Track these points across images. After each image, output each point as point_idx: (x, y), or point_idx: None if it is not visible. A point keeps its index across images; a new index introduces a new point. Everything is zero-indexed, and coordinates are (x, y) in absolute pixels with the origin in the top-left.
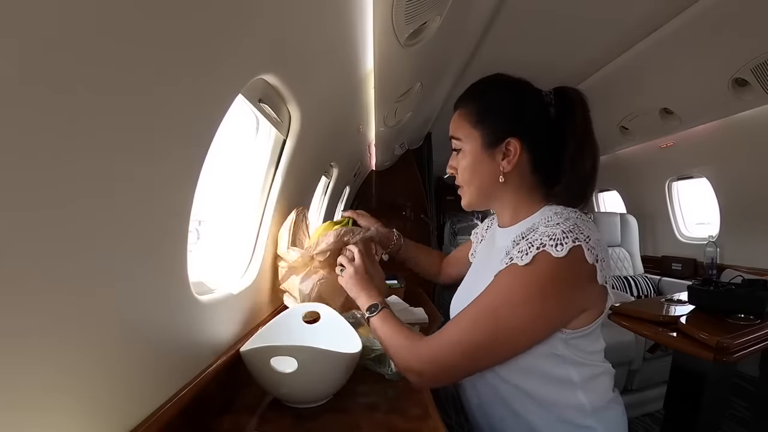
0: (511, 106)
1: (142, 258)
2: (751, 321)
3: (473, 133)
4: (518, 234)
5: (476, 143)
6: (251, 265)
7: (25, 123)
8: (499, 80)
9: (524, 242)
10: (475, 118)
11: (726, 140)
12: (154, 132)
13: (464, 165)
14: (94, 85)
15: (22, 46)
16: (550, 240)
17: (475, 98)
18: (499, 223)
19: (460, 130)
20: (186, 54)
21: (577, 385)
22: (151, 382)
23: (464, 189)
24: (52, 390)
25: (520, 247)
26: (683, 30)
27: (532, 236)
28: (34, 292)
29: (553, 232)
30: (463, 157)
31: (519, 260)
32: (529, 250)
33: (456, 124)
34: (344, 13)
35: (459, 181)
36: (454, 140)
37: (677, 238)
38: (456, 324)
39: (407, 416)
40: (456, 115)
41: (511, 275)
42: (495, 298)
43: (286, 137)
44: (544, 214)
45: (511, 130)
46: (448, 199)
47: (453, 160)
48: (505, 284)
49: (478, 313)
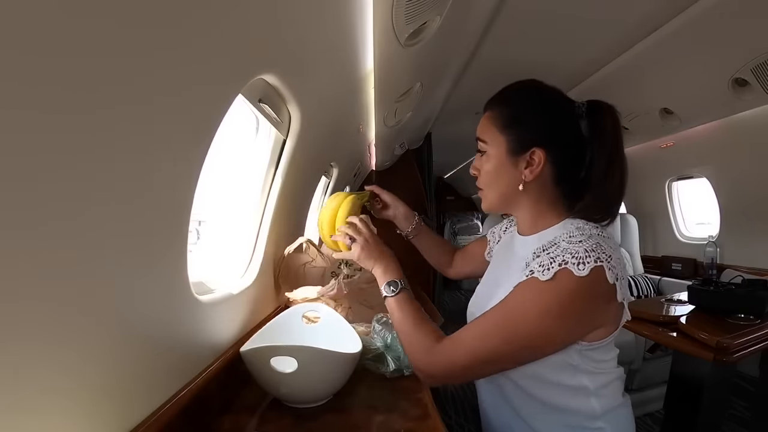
0: (541, 115)
1: (141, 258)
2: (751, 321)
3: (499, 137)
4: (539, 246)
5: (501, 148)
6: (251, 265)
7: (25, 123)
8: (533, 87)
9: (546, 256)
10: (503, 123)
11: (726, 140)
12: (154, 132)
13: (487, 168)
14: (94, 85)
15: (23, 47)
16: (573, 258)
17: (506, 103)
18: (518, 230)
19: (487, 133)
20: (186, 54)
21: (590, 392)
22: (150, 383)
23: (485, 192)
24: (50, 392)
25: (541, 261)
26: (683, 30)
27: (554, 251)
28: (33, 292)
29: (576, 250)
30: (486, 160)
31: (540, 274)
32: (550, 265)
33: (484, 126)
34: (344, 13)
35: (480, 183)
36: (479, 142)
37: (677, 238)
38: (473, 332)
39: (407, 416)
40: (485, 116)
41: (531, 289)
42: (513, 309)
43: (286, 137)
44: (565, 228)
45: (537, 140)
46: (448, 199)
47: (477, 161)
48: (524, 297)
49: (496, 324)
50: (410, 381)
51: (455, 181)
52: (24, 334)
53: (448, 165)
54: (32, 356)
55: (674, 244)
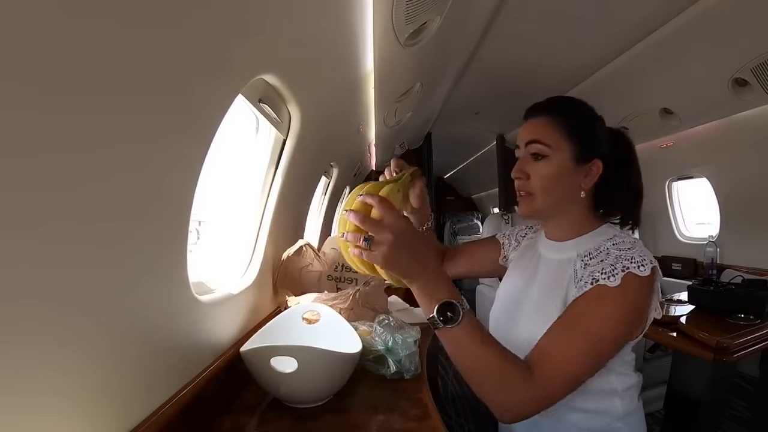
0: (599, 130)
1: (142, 258)
2: (751, 321)
3: (564, 144)
4: (579, 252)
5: (565, 155)
6: (251, 265)
7: (25, 124)
8: (585, 104)
9: (602, 264)
10: (569, 131)
11: (726, 140)
12: (154, 132)
13: (546, 173)
14: (94, 85)
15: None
16: (632, 262)
17: (570, 111)
18: (548, 235)
19: (550, 137)
20: (186, 54)
21: (616, 393)
22: (150, 383)
23: (534, 197)
24: (50, 392)
25: (602, 268)
26: (683, 30)
27: (607, 257)
28: (33, 292)
29: (632, 255)
30: (546, 165)
31: (607, 281)
32: (613, 272)
33: (544, 129)
34: (344, 13)
35: (529, 188)
36: (536, 144)
37: (677, 238)
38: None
39: (407, 416)
40: (544, 121)
41: (604, 297)
42: (594, 321)
43: (286, 137)
44: (604, 235)
45: (598, 152)
46: (448, 199)
47: (527, 165)
48: (600, 307)
49: (587, 344)
50: (410, 381)
51: (455, 181)
52: (24, 335)
53: (448, 165)
54: (32, 356)
55: (674, 244)
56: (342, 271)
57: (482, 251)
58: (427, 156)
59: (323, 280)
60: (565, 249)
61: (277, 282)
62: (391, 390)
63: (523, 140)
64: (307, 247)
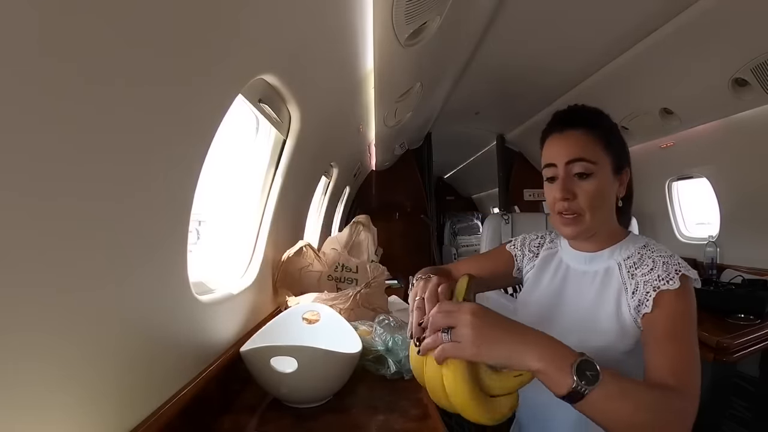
0: (621, 137)
1: (142, 258)
2: (751, 321)
3: (605, 157)
4: (621, 260)
5: (607, 168)
6: (251, 265)
7: (25, 124)
8: (603, 112)
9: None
10: (605, 143)
11: (726, 140)
12: (154, 132)
13: (594, 190)
14: (94, 86)
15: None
16: (680, 266)
17: (601, 122)
18: (576, 247)
19: (593, 153)
20: (186, 54)
21: None
22: (151, 382)
23: (585, 216)
24: (50, 388)
25: (657, 275)
26: (683, 30)
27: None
28: (35, 291)
29: (678, 261)
30: (593, 183)
31: (669, 285)
32: (669, 276)
33: (586, 145)
34: (344, 13)
35: (577, 209)
36: (583, 163)
37: (677, 238)
38: (687, 362)
39: (407, 416)
40: (581, 134)
41: (674, 301)
42: (685, 326)
43: (286, 137)
44: (637, 242)
45: (626, 159)
46: (448, 199)
47: (573, 185)
48: (681, 310)
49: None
50: (410, 381)
51: (455, 181)
52: (25, 333)
53: (448, 165)
54: (32, 353)
55: (674, 244)
56: (342, 271)
57: (495, 265)
58: (427, 156)
59: (323, 280)
60: (600, 259)
61: (276, 282)
62: (391, 390)
63: (563, 158)
64: (308, 248)
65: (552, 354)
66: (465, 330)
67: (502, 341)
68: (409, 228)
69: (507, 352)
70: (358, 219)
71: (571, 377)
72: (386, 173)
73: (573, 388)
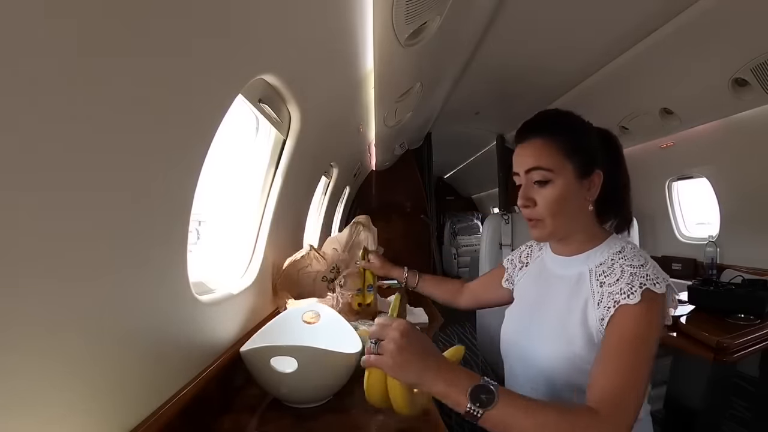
0: (594, 140)
1: (142, 258)
2: (751, 321)
3: (566, 164)
4: (593, 266)
5: (570, 175)
6: (251, 265)
7: (25, 124)
8: (571, 114)
9: (618, 283)
10: (567, 149)
11: (726, 140)
12: (154, 132)
13: (553, 197)
14: (94, 86)
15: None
16: (647, 279)
17: (564, 128)
18: (555, 251)
19: (550, 161)
20: (186, 54)
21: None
22: (151, 382)
23: (546, 221)
24: (50, 387)
25: (620, 288)
26: (683, 30)
27: (621, 275)
28: (36, 290)
29: (646, 273)
30: (552, 189)
31: (628, 300)
32: (632, 289)
33: (543, 153)
34: (344, 13)
35: (537, 215)
36: (539, 171)
37: (677, 238)
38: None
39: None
40: (540, 143)
41: (632, 317)
42: (635, 344)
43: (286, 137)
44: (613, 247)
45: (595, 162)
46: (448, 199)
47: (532, 192)
48: (635, 326)
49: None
50: None
51: (455, 181)
52: (25, 332)
53: (448, 165)
54: (33, 353)
55: (674, 244)
56: (336, 272)
57: (491, 279)
58: (427, 156)
59: (318, 280)
60: (575, 264)
61: (277, 285)
62: None
63: (522, 167)
64: (311, 249)
65: (453, 380)
66: (389, 345)
67: (413, 364)
68: (409, 228)
69: (416, 377)
70: (358, 219)
71: (466, 400)
72: (386, 173)
73: (468, 410)
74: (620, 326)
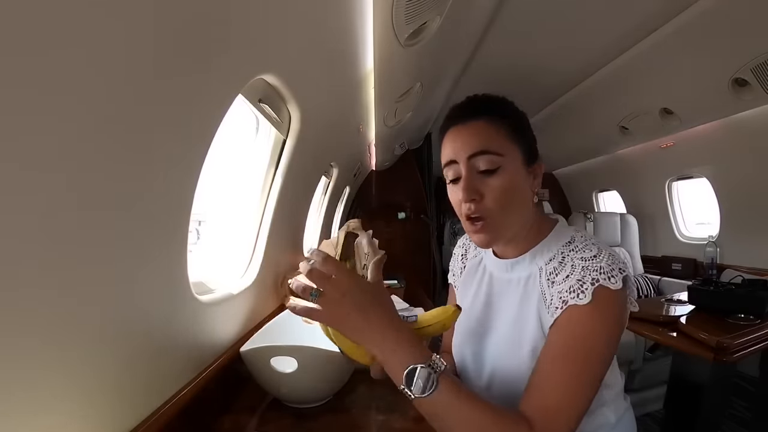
0: (531, 128)
1: (141, 258)
2: (751, 321)
3: (513, 148)
4: (543, 264)
5: (518, 160)
6: (251, 265)
7: (24, 126)
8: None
9: (568, 280)
10: (513, 132)
11: (726, 140)
12: (154, 132)
13: (504, 186)
14: (94, 86)
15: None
16: (600, 273)
17: (507, 112)
18: (498, 254)
19: (498, 144)
20: (186, 54)
21: (606, 404)
22: (150, 383)
23: (493, 220)
24: (49, 392)
25: (569, 286)
26: (683, 30)
27: (573, 271)
28: (34, 291)
29: (599, 265)
30: (501, 178)
31: (577, 300)
32: (582, 287)
33: (489, 135)
34: (344, 13)
35: (485, 211)
36: (487, 156)
37: (677, 238)
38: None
39: (407, 416)
40: (484, 124)
41: (581, 318)
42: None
43: (286, 137)
44: (562, 237)
45: (536, 150)
46: (448, 199)
47: (478, 183)
48: (583, 329)
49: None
50: None
51: None
52: (23, 335)
53: None
54: (30, 357)
55: (674, 244)
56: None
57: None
58: (427, 156)
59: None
60: (522, 265)
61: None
62: (391, 390)
63: (464, 152)
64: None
65: (394, 349)
66: (328, 306)
67: (352, 321)
68: (409, 228)
69: (358, 333)
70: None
71: (401, 380)
72: (386, 173)
73: (402, 389)
74: (566, 329)
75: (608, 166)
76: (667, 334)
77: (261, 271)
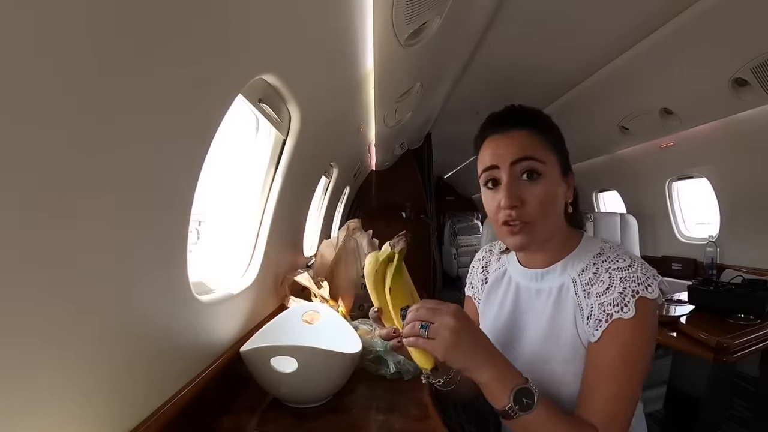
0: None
1: (142, 258)
2: (751, 321)
3: (553, 158)
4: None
5: (556, 170)
6: (251, 265)
7: (24, 126)
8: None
9: (608, 293)
10: (552, 143)
11: (726, 140)
12: (154, 132)
13: (545, 193)
14: (94, 85)
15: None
16: (639, 284)
17: (544, 122)
18: (526, 264)
19: (540, 151)
20: (186, 54)
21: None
22: (151, 382)
23: (534, 225)
24: (48, 392)
25: (612, 299)
26: (683, 30)
27: (615, 284)
28: (34, 291)
29: (636, 276)
30: (543, 185)
31: (623, 314)
32: (624, 300)
33: (532, 143)
34: (344, 13)
35: (527, 216)
36: (531, 162)
37: (677, 238)
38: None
39: (407, 416)
40: (527, 133)
41: (624, 332)
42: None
43: (286, 137)
44: (591, 249)
45: (570, 163)
46: (448, 199)
47: (520, 189)
48: (631, 340)
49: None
50: (410, 381)
51: (455, 181)
52: (23, 335)
53: (448, 165)
54: (30, 357)
55: (674, 244)
56: None
57: None
58: (427, 156)
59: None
60: (553, 275)
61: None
62: (391, 390)
63: (507, 158)
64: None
65: (499, 376)
66: (443, 332)
67: (467, 353)
68: (409, 228)
69: (467, 363)
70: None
71: (508, 399)
72: (386, 173)
73: (506, 409)
74: (616, 342)
75: (608, 166)
76: (667, 334)
77: (261, 271)
